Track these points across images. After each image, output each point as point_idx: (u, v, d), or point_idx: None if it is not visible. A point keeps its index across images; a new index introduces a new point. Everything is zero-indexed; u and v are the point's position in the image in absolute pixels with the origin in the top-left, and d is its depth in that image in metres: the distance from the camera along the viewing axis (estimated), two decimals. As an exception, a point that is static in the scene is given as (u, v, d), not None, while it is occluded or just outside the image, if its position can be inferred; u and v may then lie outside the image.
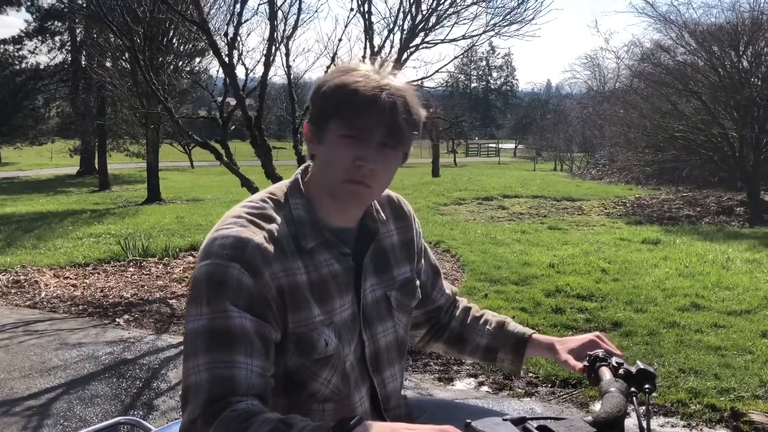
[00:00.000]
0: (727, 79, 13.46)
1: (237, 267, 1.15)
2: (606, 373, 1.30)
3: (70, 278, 7.46)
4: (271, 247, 1.19)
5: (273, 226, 1.23)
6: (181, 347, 5.12)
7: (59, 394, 4.25)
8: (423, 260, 1.53)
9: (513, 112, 78.71)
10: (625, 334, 5.17)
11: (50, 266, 7.93)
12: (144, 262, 8.10)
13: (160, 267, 7.95)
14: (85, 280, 7.36)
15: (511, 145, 60.06)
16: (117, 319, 5.95)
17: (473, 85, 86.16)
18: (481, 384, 4.36)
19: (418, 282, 1.47)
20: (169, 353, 5.04)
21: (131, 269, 7.85)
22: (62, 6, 28.96)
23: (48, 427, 3.75)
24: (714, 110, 13.78)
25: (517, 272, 7.12)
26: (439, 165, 27.96)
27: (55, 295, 6.78)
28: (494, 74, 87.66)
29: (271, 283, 1.17)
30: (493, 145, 56.08)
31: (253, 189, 6.66)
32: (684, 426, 3.70)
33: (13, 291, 6.96)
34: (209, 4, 12.04)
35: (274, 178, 6.50)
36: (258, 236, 1.19)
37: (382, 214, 1.40)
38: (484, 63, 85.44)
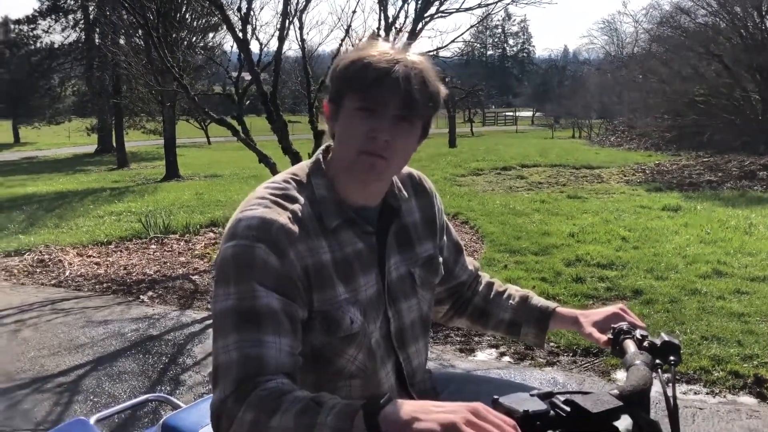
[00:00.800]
0: (750, 40, 13.19)
1: (263, 247, 1.16)
2: (630, 346, 1.29)
3: (93, 256, 7.57)
4: (295, 227, 1.20)
5: (296, 207, 1.23)
6: (206, 322, 5.21)
7: (88, 371, 4.34)
8: (445, 237, 1.53)
9: (530, 80, 77.88)
10: (646, 302, 5.15)
11: (73, 245, 8.04)
12: (165, 239, 8.19)
13: (181, 243, 8.03)
14: (108, 258, 7.47)
15: (529, 113, 59.44)
16: (141, 296, 6.04)
17: (489, 52, 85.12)
18: (502, 354, 4.38)
19: (441, 258, 1.48)
20: (194, 329, 5.12)
21: (153, 246, 7.94)
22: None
23: (78, 403, 3.84)
24: (736, 73, 13.52)
25: (536, 242, 7.11)
26: (455, 135, 27.77)
27: (79, 273, 6.89)
28: (510, 41, 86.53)
29: (297, 262, 1.19)
30: (511, 114, 55.52)
31: (270, 164, 6.67)
32: (707, 393, 3.70)
33: (38, 270, 7.08)
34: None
35: (291, 152, 6.51)
36: (282, 217, 1.20)
37: (404, 192, 1.40)
38: (499, 30, 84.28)
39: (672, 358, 1.25)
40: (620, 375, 3.88)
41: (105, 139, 30.46)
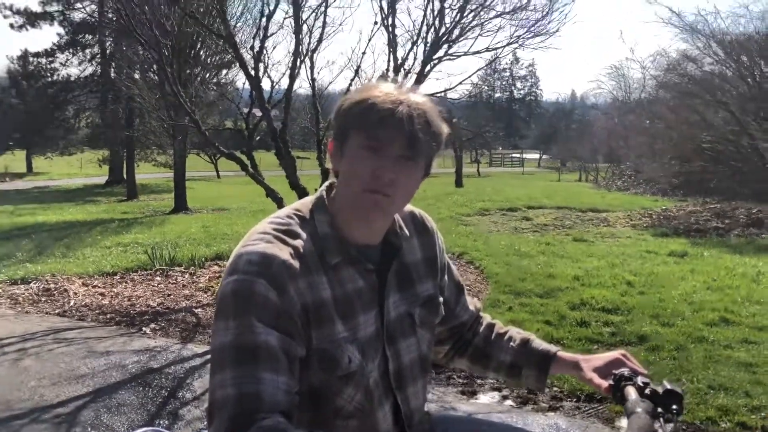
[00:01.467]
0: (757, 89, 13.27)
1: (263, 283, 1.16)
2: (632, 393, 1.29)
3: (99, 287, 7.58)
4: (296, 263, 1.21)
5: (298, 242, 1.24)
6: (207, 356, 5.18)
7: (87, 402, 4.32)
8: (446, 276, 1.53)
9: (537, 122, 78.42)
10: (651, 349, 5.10)
11: (79, 275, 8.06)
12: (170, 272, 8.20)
13: (186, 276, 8.04)
14: (113, 289, 7.47)
15: (536, 156, 59.73)
16: (144, 328, 6.03)
17: (497, 95, 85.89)
18: (504, 398, 4.33)
19: (441, 299, 1.48)
20: (195, 362, 5.09)
21: (158, 278, 7.95)
22: (93, 20, 29.54)
23: (76, 435, 3.81)
24: (743, 121, 13.59)
25: (541, 284, 7.08)
26: (462, 175, 27.89)
27: (83, 303, 6.89)
28: (518, 84, 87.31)
29: (297, 299, 1.19)
30: (517, 156, 55.80)
31: (277, 199, 6.72)
32: (713, 444, 3.64)
33: (43, 299, 7.09)
34: (235, 18, 12.22)
35: (298, 188, 6.56)
36: (284, 252, 1.21)
37: (406, 231, 1.41)
38: (507, 73, 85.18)
39: (674, 407, 1.23)
40: (625, 422, 3.82)
41: (116, 171, 30.75)
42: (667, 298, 6.55)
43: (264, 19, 6.81)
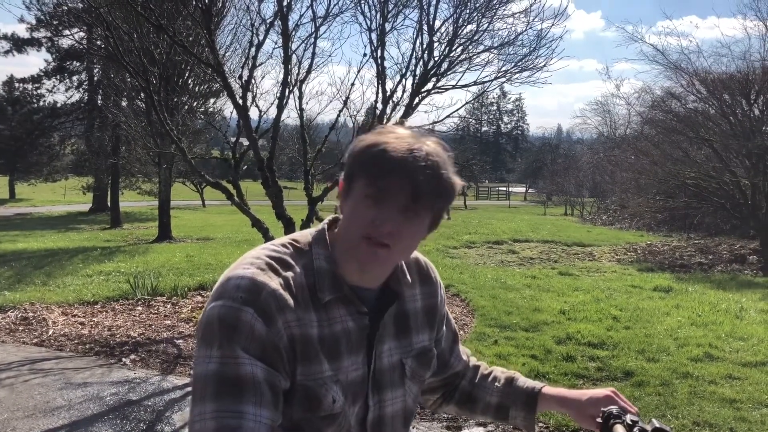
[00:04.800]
0: (739, 127, 13.48)
1: (251, 312, 1.12)
2: (620, 431, 1.26)
3: (78, 316, 7.45)
4: (286, 295, 1.16)
5: (290, 274, 1.20)
6: (187, 389, 5.08)
7: (62, 435, 4.20)
8: (444, 327, 1.49)
9: (523, 156, 79.13)
10: (637, 384, 5.07)
11: (59, 303, 7.92)
12: (152, 301, 8.08)
13: (168, 306, 7.92)
14: (93, 318, 7.34)
15: (522, 189, 60.14)
16: (123, 359, 5.91)
17: (484, 128, 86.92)
18: (490, 433, 4.27)
19: (435, 352, 1.43)
20: (175, 395, 4.98)
21: (139, 308, 7.83)
22: (81, 47, 29.61)
23: (49, 469, 3.69)
24: (725, 158, 13.78)
25: (527, 318, 7.05)
26: (449, 207, 27.93)
27: (62, 332, 6.75)
28: (505, 118, 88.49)
29: (284, 331, 1.14)
30: (504, 189, 56.15)
31: (263, 229, 6.68)
32: (699, 482, 3.59)
33: (20, 328, 6.94)
34: (224, 48, 12.27)
35: (284, 218, 6.52)
36: (274, 282, 1.16)
37: (408, 278, 1.36)
38: (495, 107, 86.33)
39: (662, 445, 1.21)
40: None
41: (100, 199, 30.56)
42: (652, 333, 6.55)
43: (253, 49, 6.86)
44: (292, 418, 1.18)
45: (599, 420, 1.33)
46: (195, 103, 18.09)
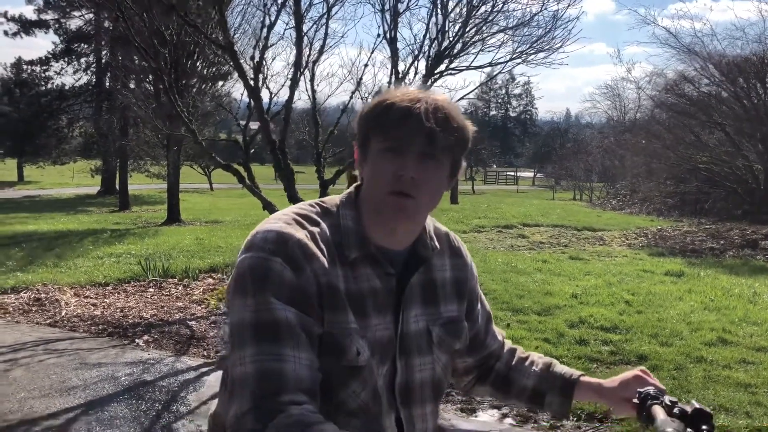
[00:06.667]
0: (753, 111, 13.35)
1: (279, 261, 1.15)
2: (659, 413, 1.23)
3: (91, 297, 7.48)
4: (312, 245, 1.18)
5: (316, 229, 1.22)
6: (201, 370, 5.10)
7: (78, 414, 4.22)
8: (479, 306, 1.49)
9: (532, 141, 78.78)
10: (651, 368, 5.01)
11: (71, 285, 7.95)
12: (164, 283, 8.11)
13: (180, 288, 7.94)
14: (105, 300, 7.37)
15: (530, 174, 59.92)
16: (137, 340, 5.93)
17: (492, 112, 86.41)
18: (504, 416, 4.27)
19: (465, 325, 1.42)
20: (189, 375, 5.00)
21: (151, 290, 7.86)
22: (89, 29, 29.53)
23: (66, 448, 3.72)
24: (738, 142, 13.66)
25: (539, 302, 7.03)
26: (457, 192, 27.88)
27: (75, 313, 6.79)
28: (513, 102, 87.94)
29: (313, 279, 1.16)
30: (512, 173, 55.96)
31: (274, 212, 6.66)
32: (716, 466, 3.58)
33: (33, 309, 6.98)
34: (234, 28, 12.19)
35: (296, 201, 6.50)
36: (300, 233, 1.19)
37: (437, 244, 1.36)
38: (503, 91, 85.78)
39: (704, 427, 1.18)
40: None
41: (108, 181, 30.62)
42: (665, 317, 6.52)
43: (265, 30, 6.81)
44: (319, 367, 1.17)
45: (635, 401, 1.31)
46: (204, 86, 18.05)
